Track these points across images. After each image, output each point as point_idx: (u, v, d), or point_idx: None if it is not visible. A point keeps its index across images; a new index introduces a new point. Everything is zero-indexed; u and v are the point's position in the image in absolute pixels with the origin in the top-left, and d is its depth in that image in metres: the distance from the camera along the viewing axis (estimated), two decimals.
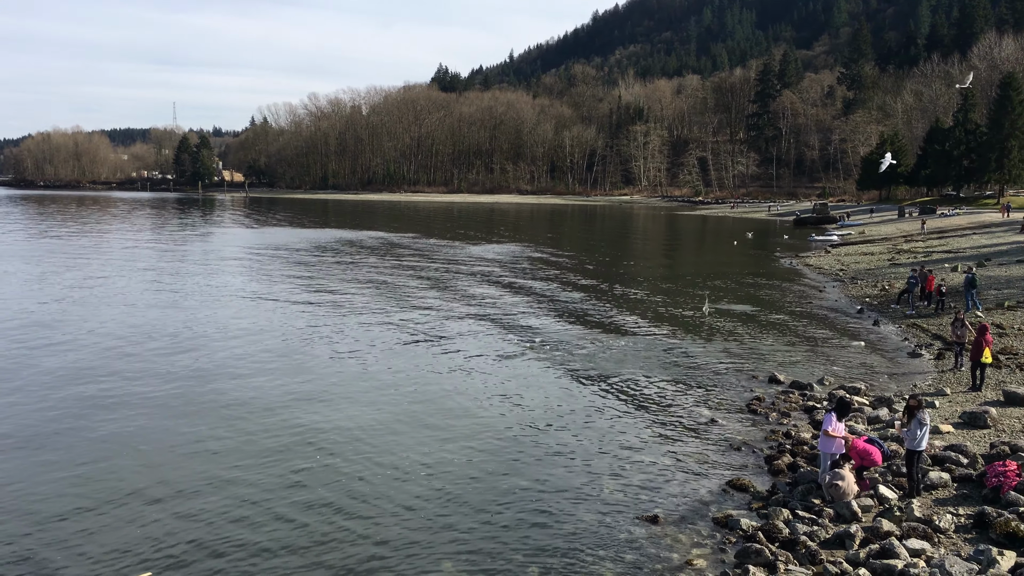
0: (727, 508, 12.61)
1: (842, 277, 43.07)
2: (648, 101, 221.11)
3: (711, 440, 15.93)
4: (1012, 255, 43.25)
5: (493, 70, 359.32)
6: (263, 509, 12.54)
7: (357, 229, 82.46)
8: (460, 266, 47.91)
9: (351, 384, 19.97)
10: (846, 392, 18.80)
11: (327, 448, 15.25)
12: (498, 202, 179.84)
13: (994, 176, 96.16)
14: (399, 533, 11.77)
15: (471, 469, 14.29)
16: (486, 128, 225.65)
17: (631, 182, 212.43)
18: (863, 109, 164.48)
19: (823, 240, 69.30)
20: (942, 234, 61.66)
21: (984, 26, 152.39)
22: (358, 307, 31.74)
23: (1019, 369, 20.09)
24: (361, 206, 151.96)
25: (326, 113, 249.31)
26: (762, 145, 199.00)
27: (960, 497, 12.47)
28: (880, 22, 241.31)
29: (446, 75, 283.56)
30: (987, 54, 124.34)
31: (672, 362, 22.65)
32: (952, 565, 9.68)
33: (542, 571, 10.69)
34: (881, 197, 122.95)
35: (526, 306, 32.74)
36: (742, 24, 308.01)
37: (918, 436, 12.53)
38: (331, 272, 43.64)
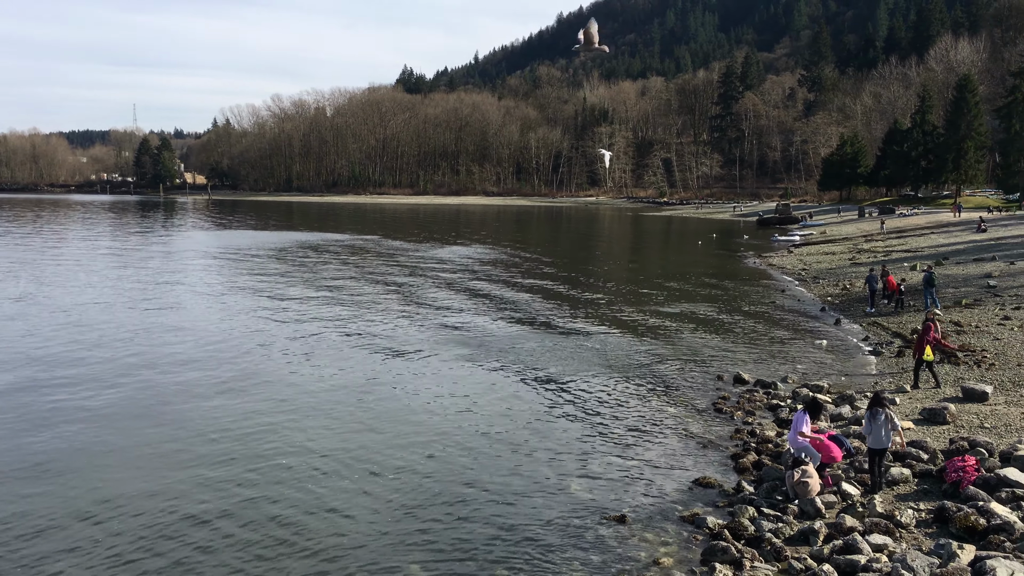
0: (694, 506, 12.69)
1: (804, 277, 43.64)
2: (613, 103, 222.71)
3: (677, 439, 16.03)
4: (969, 254, 44.15)
5: (458, 71, 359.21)
6: (223, 517, 12.35)
7: (322, 232, 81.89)
8: (425, 269, 47.77)
9: (312, 389, 19.78)
10: (809, 390, 19.05)
11: (290, 454, 15.09)
12: (464, 204, 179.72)
13: (951, 176, 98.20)
14: (364, 538, 11.68)
15: (435, 473, 14.23)
16: (452, 130, 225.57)
17: (596, 183, 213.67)
18: (823, 111, 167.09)
19: (786, 240, 70.21)
20: (901, 234, 62.78)
21: (940, 29, 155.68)
22: (321, 311, 31.49)
23: (977, 366, 20.49)
24: (326, 208, 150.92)
25: (290, 115, 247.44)
26: (725, 146, 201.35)
27: (921, 492, 12.67)
28: (839, 25, 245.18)
29: (411, 76, 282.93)
30: (943, 56, 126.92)
31: (638, 362, 22.77)
32: (913, 559, 9.83)
33: (510, 573, 10.67)
34: (842, 197, 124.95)
35: (492, 309, 32.72)
36: (705, 27, 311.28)
37: (873, 432, 12.68)
38: (294, 275, 43.26)
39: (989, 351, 21.86)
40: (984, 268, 37.80)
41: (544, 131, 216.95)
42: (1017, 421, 15.65)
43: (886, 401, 13.07)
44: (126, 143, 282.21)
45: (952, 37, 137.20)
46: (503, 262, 52.67)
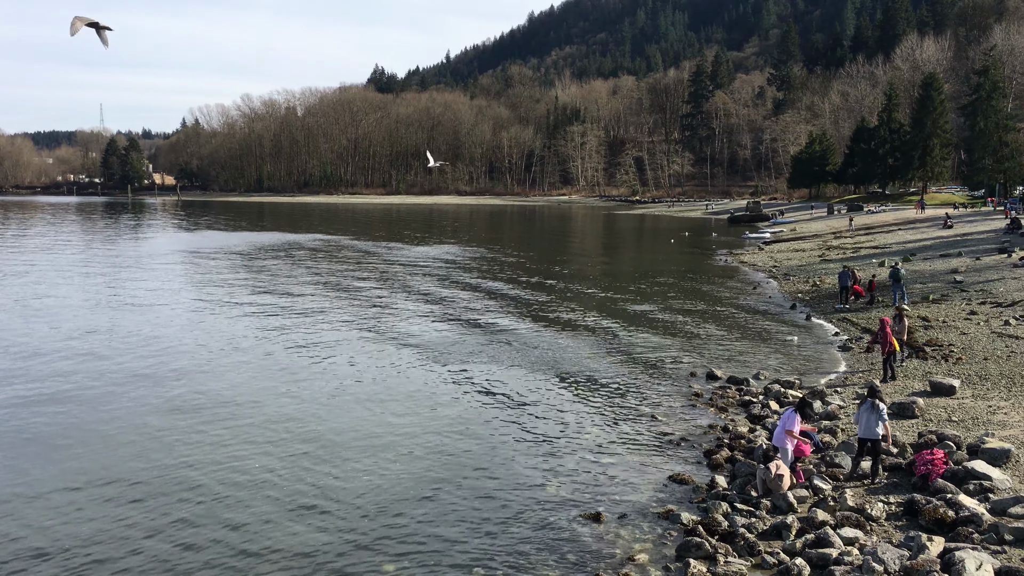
0: (668, 503, 12.78)
1: (775, 273, 44.05)
2: (584, 102, 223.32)
3: (651, 436, 16.12)
4: (936, 250, 44.82)
5: (430, 71, 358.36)
6: (201, 513, 12.25)
7: (294, 232, 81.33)
8: (399, 269, 47.62)
9: (288, 389, 19.65)
10: (781, 386, 19.23)
11: (267, 452, 14.98)
12: (437, 203, 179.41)
13: (917, 174, 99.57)
14: (338, 540, 11.63)
15: (409, 474, 14.20)
16: (424, 129, 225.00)
17: (569, 182, 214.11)
18: (792, 109, 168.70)
19: (756, 237, 70.83)
20: (869, 230, 63.58)
21: (906, 28, 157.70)
22: (295, 311, 31.28)
23: (945, 360, 20.81)
24: (298, 208, 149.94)
25: (260, 114, 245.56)
26: (696, 145, 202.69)
27: (891, 486, 12.85)
28: (807, 24, 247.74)
29: (382, 76, 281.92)
30: (909, 55, 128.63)
31: (612, 360, 22.86)
32: (884, 552, 9.97)
33: (486, 572, 10.67)
34: (811, 195, 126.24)
35: (464, 307, 32.69)
36: (675, 26, 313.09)
37: (863, 422, 13.05)
38: (267, 276, 42.92)
39: (956, 346, 22.22)
40: (950, 264, 38.39)
41: (516, 130, 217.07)
42: (984, 415, 15.92)
43: (874, 391, 13.42)
44: (93, 144, 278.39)
45: (918, 36, 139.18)
46: (477, 262, 52.64)
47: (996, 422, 15.32)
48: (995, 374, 18.82)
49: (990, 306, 27.40)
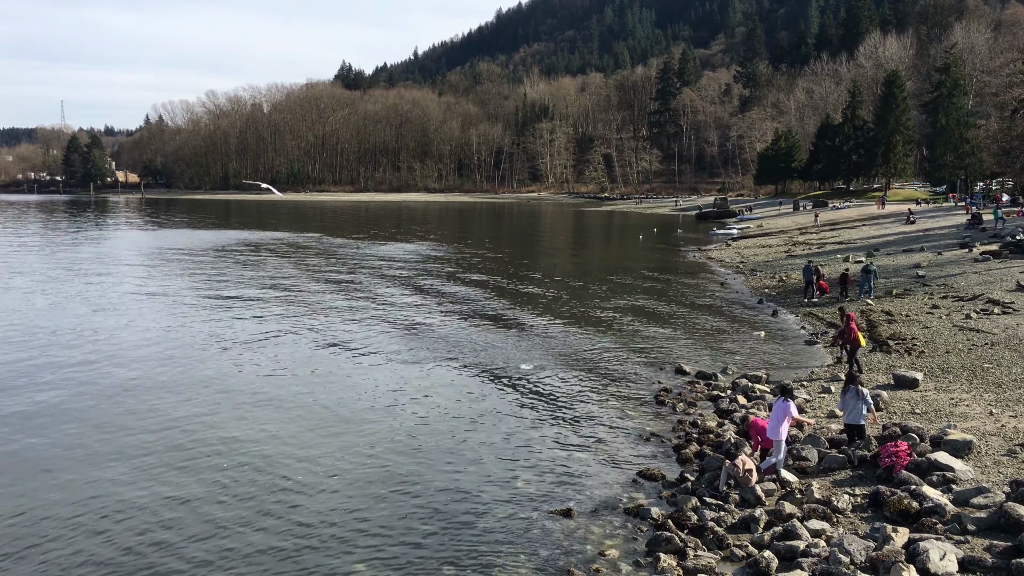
0: (638, 498, 12.85)
1: (742, 269, 44.46)
2: (553, 99, 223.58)
3: (621, 432, 16.20)
4: (899, 245, 45.54)
5: (398, 67, 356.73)
6: (169, 519, 12.10)
7: (260, 230, 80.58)
8: (368, 266, 47.38)
9: (256, 390, 19.47)
10: (748, 380, 19.42)
11: (232, 456, 14.83)
12: (406, 201, 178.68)
13: (881, 170, 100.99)
14: (310, 539, 11.55)
15: (381, 472, 14.14)
16: (392, 126, 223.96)
17: (538, 179, 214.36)
18: (759, 106, 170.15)
19: (724, 234, 71.44)
20: (834, 226, 64.41)
21: (869, 26, 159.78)
22: (261, 311, 30.99)
23: (908, 353, 21.15)
24: (265, 206, 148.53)
25: (225, 111, 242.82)
26: (664, 142, 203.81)
27: (856, 478, 13.03)
28: (773, 22, 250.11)
29: (350, 72, 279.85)
30: (872, 53, 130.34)
31: (581, 356, 22.93)
32: (850, 544, 10.11)
33: (457, 571, 10.66)
34: (777, 191, 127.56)
35: (433, 306, 32.61)
36: (642, 23, 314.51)
37: (849, 409, 13.59)
38: (233, 275, 42.47)
39: (919, 339, 22.59)
40: (913, 259, 39.03)
41: (485, 127, 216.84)
42: (946, 407, 16.20)
43: (855, 378, 13.78)
44: (54, 141, 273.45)
45: (880, 34, 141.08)
46: (446, 258, 52.53)
47: (958, 414, 15.61)
48: (957, 367, 19.17)
49: (952, 300, 27.89)
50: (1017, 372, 18.01)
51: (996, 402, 16.09)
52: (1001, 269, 32.69)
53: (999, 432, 14.20)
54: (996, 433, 14.17)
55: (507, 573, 10.57)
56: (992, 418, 15.08)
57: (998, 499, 11.11)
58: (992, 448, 13.46)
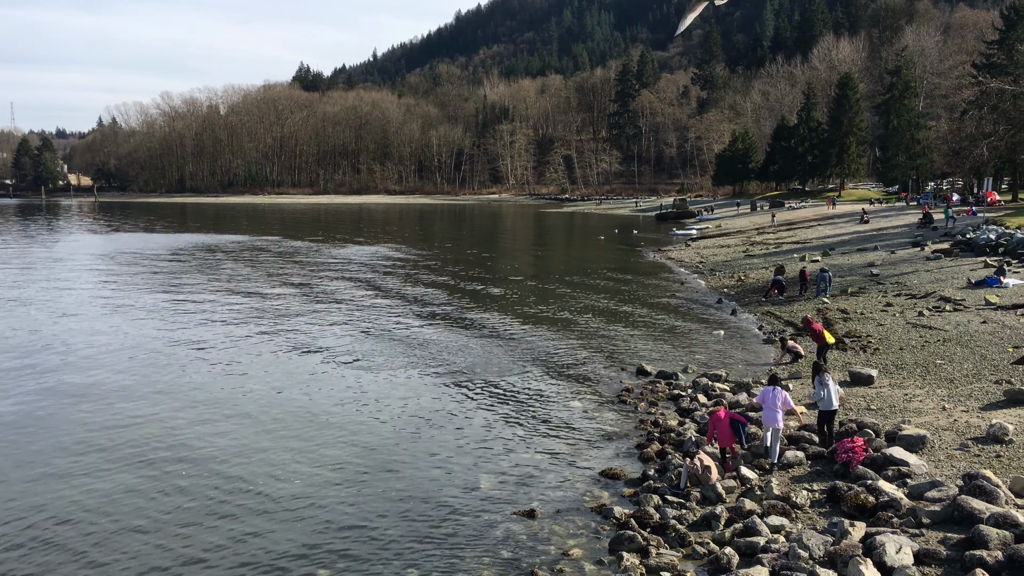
0: (601, 497, 12.91)
1: (701, 269, 44.91)
2: (513, 100, 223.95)
3: (584, 432, 16.27)
4: (853, 244, 46.37)
5: (357, 69, 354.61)
6: (130, 525, 11.88)
7: (218, 233, 79.49)
8: (327, 269, 46.99)
9: (214, 395, 19.20)
10: (709, 379, 19.63)
11: (192, 461, 14.60)
12: (366, 203, 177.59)
13: (835, 170, 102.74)
14: (271, 543, 11.41)
15: (344, 475, 14.03)
16: (351, 128, 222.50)
17: (499, 180, 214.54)
18: (716, 108, 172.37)
19: (683, 234, 72.11)
20: (791, 226, 65.35)
21: (823, 29, 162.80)
22: (220, 315, 30.57)
23: (863, 350, 21.54)
24: (222, 209, 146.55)
25: (181, 113, 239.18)
26: (624, 143, 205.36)
27: (814, 474, 13.24)
28: (729, 25, 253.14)
29: (308, 74, 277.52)
30: (826, 55, 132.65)
31: (543, 358, 22.98)
32: (809, 539, 10.26)
33: (420, 573, 10.61)
34: (735, 192, 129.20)
35: (395, 308, 32.46)
36: (601, 25, 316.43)
37: (823, 397, 13.95)
38: (190, 279, 41.84)
39: (874, 336, 23.02)
40: (867, 257, 39.77)
41: (445, 129, 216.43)
42: (901, 402, 16.53)
43: (822, 368, 14.29)
44: (3, 144, 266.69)
45: (834, 37, 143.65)
46: (407, 261, 52.31)
47: (912, 409, 15.93)
48: (910, 363, 19.57)
49: (905, 298, 28.47)
50: (969, 368, 18.43)
51: (949, 397, 16.46)
52: (952, 267, 33.45)
53: (952, 427, 14.52)
54: (949, 428, 14.49)
55: (470, 574, 10.55)
56: (945, 413, 15.41)
57: (951, 492, 11.35)
58: (945, 442, 13.76)
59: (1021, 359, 18.14)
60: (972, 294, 27.37)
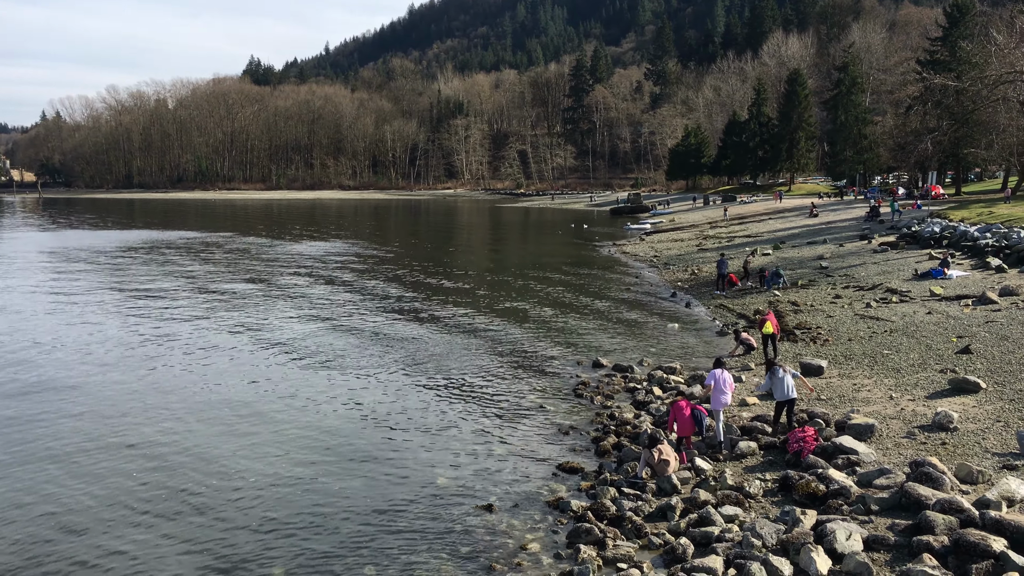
0: (558, 491, 12.98)
1: (656, 263, 45.33)
2: (467, 95, 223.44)
3: (540, 426, 16.33)
4: (803, 237, 47.18)
5: (309, 63, 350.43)
6: (87, 523, 11.63)
7: (168, 229, 78.02)
8: (281, 266, 46.42)
9: (168, 393, 18.87)
10: (664, 372, 19.82)
11: (150, 459, 14.34)
12: (320, 198, 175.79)
13: (785, 165, 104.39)
14: (226, 542, 11.26)
15: (300, 473, 13.90)
16: (304, 122, 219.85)
17: (454, 176, 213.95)
18: (669, 103, 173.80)
19: (637, 229, 72.67)
20: (742, 220, 66.27)
21: (772, 26, 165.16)
22: (172, 313, 30.03)
23: (813, 342, 21.95)
24: (171, 205, 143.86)
25: (128, 107, 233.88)
26: (578, 138, 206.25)
27: (767, 463, 13.46)
28: (681, 21, 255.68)
29: (259, 68, 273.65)
30: (775, 52, 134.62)
31: (499, 353, 23.00)
32: (762, 527, 10.44)
33: (378, 570, 10.56)
34: (688, 186, 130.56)
35: (350, 305, 32.21)
36: (554, 20, 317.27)
37: (776, 388, 14.35)
38: (139, 277, 41.00)
39: (823, 328, 23.46)
40: (817, 251, 40.50)
41: (400, 124, 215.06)
42: (850, 392, 16.88)
43: (774, 361, 14.84)
44: None
45: (783, 34, 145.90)
46: (362, 257, 51.91)
47: (860, 399, 16.28)
48: (858, 354, 19.99)
49: (853, 290, 29.07)
50: (915, 357, 18.89)
51: (895, 387, 16.85)
52: (898, 259, 34.23)
53: (899, 415, 14.87)
54: (896, 416, 14.83)
55: (429, 570, 10.53)
56: (892, 402, 15.78)
57: (899, 479, 11.63)
58: (893, 431, 14.08)
59: (965, 348, 18.64)
60: (917, 286, 28.05)
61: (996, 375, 16.49)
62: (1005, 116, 50.80)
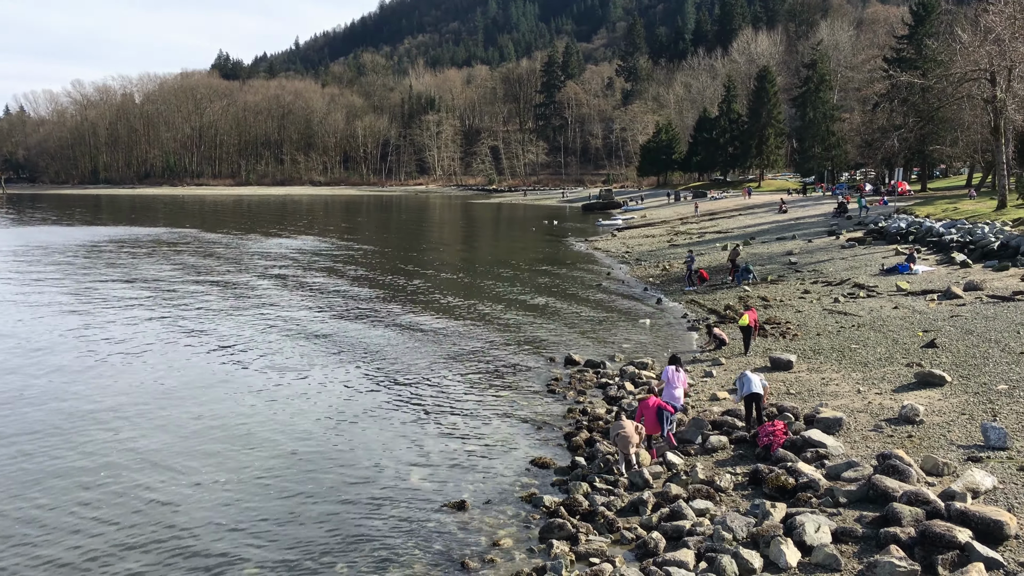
0: (531, 487, 13.01)
1: (627, 259, 45.51)
2: (439, 91, 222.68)
3: (513, 422, 16.35)
4: (773, 233, 47.63)
5: (278, 57, 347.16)
6: (51, 529, 11.46)
7: (135, 226, 76.92)
8: (250, 264, 46.01)
9: (135, 396, 18.64)
10: (636, 367, 19.93)
11: (115, 464, 14.16)
12: (290, 194, 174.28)
13: (755, 161, 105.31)
14: (200, 545, 11.16)
15: (272, 474, 13.80)
16: (274, 118, 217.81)
17: (426, 172, 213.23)
18: (640, 100, 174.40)
19: (609, 224, 72.90)
20: (713, 216, 66.75)
21: (742, 23, 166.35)
22: (135, 313, 29.63)
23: (783, 336, 22.17)
24: (139, 201, 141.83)
25: (94, 101, 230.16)
26: (550, 134, 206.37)
27: (737, 457, 13.59)
28: (652, 18, 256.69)
29: (228, 62, 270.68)
30: (745, 49, 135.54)
31: (473, 350, 22.99)
32: (732, 521, 10.54)
33: (350, 569, 10.53)
34: (659, 183, 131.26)
35: (320, 304, 32.01)
36: (526, 16, 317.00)
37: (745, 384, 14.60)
38: (106, 274, 40.41)
39: (792, 323, 23.71)
40: (786, 246, 40.91)
41: (371, 119, 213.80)
42: (818, 386, 17.09)
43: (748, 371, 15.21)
44: None
45: (752, 31, 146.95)
46: (333, 254, 51.59)
47: (829, 393, 16.48)
48: (827, 348, 20.23)
49: (822, 285, 29.41)
50: (882, 352, 19.15)
51: (863, 380, 17.08)
52: (866, 255, 34.69)
53: (866, 409, 15.08)
54: (864, 410, 15.04)
55: (402, 567, 10.52)
56: (860, 396, 16.00)
57: (866, 472, 11.79)
58: (860, 424, 14.28)
59: (930, 343, 18.94)
60: (884, 281, 28.44)
61: (961, 369, 16.77)
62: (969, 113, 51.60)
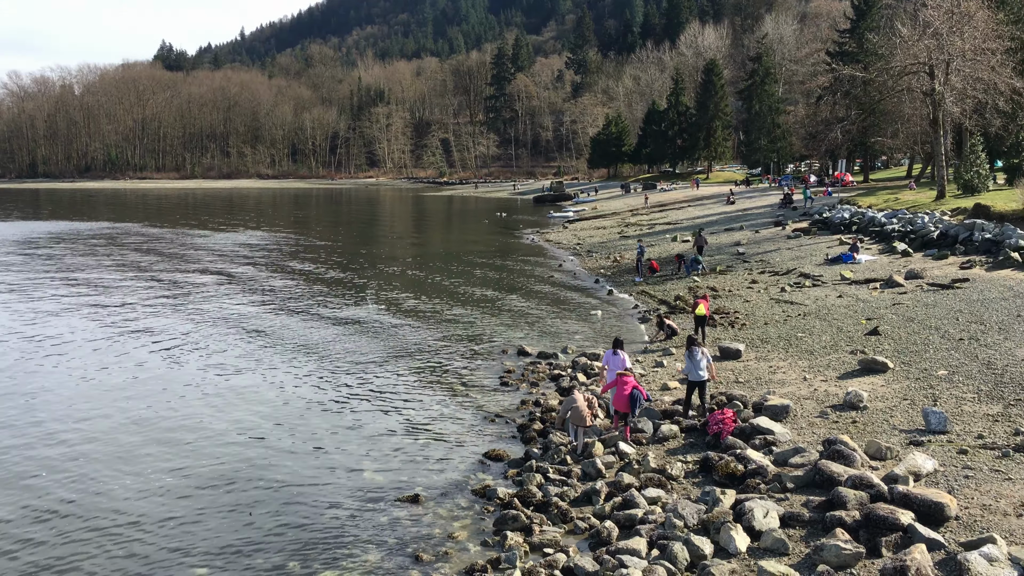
0: (485, 479, 13.02)
1: (579, 251, 45.77)
2: (389, 83, 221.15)
3: (466, 415, 16.34)
4: (721, 224, 48.30)
5: (223, 48, 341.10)
6: None
7: (75, 221, 74.99)
8: (195, 259, 45.20)
9: (79, 396, 18.19)
10: (588, 359, 20.06)
11: (59, 465, 13.81)
12: (237, 187, 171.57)
13: (703, 153, 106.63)
14: (148, 546, 10.94)
15: (221, 472, 13.59)
16: (219, 110, 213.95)
17: (376, 164, 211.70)
18: (590, 92, 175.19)
19: (560, 216, 73.20)
20: (663, 207, 67.42)
21: (689, 16, 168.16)
22: (76, 311, 28.92)
23: (731, 326, 22.52)
24: (80, 195, 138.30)
25: (31, 93, 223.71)
26: (501, 127, 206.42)
27: (687, 446, 13.77)
28: (600, 11, 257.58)
29: (171, 53, 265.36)
30: (692, 42, 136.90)
31: (425, 343, 22.91)
32: (684, 509, 10.68)
33: (303, 566, 10.42)
34: (609, 175, 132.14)
35: (267, 300, 31.60)
36: (475, 8, 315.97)
37: (692, 368, 14.73)
38: (42, 271, 39.34)
39: (741, 312, 24.09)
40: (734, 237, 41.52)
41: (319, 111, 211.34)
42: (766, 374, 17.39)
43: (695, 341, 15.11)
44: None
45: (699, 24, 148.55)
46: (281, 249, 50.94)
47: (776, 380, 16.79)
48: (774, 337, 20.60)
49: (769, 275, 29.92)
50: (827, 340, 19.57)
51: (809, 368, 17.43)
52: (811, 245, 35.37)
53: (812, 396, 15.40)
54: (810, 397, 15.36)
55: (355, 563, 10.45)
56: (806, 383, 16.33)
57: (813, 458, 12.04)
58: (806, 411, 14.58)
59: (873, 330, 19.40)
60: (829, 270, 29.05)
61: (903, 355, 17.21)
62: (909, 106, 52.82)
